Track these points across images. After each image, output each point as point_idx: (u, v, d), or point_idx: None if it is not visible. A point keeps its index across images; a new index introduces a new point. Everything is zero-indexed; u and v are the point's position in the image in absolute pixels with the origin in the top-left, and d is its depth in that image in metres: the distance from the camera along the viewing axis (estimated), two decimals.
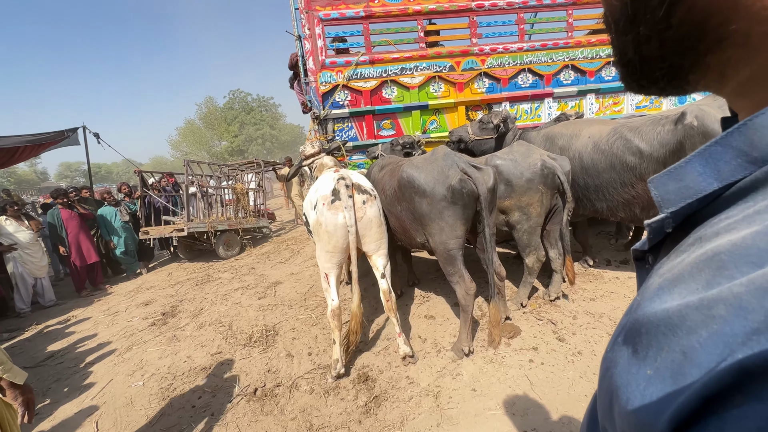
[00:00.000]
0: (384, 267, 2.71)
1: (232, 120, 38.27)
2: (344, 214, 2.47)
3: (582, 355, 2.52)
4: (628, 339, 0.27)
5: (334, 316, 2.61)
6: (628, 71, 0.35)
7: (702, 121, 2.52)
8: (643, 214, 2.99)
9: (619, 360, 0.27)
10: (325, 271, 2.63)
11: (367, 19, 4.64)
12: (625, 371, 0.25)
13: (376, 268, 2.73)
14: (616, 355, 0.28)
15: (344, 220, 2.47)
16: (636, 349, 0.25)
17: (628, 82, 0.37)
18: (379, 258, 2.71)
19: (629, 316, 0.28)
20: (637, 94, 0.39)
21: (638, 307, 0.27)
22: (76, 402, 2.95)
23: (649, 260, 0.37)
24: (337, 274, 2.64)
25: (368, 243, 2.63)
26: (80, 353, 3.88)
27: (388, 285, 2.69)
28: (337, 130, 4.80)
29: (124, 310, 5.06)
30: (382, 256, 2.72)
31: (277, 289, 4.88)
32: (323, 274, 2.67)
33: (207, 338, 3.74)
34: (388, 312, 2.71)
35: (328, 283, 2.64)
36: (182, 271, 6.79)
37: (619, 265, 3.94)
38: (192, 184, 7.01)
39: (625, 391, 0.25)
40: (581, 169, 3.23)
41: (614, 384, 0.26)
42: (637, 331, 0.26)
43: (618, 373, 0.26)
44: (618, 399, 0.25)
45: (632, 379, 0.25)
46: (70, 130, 7.64)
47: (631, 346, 0.26)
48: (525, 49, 4.94)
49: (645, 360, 0.24)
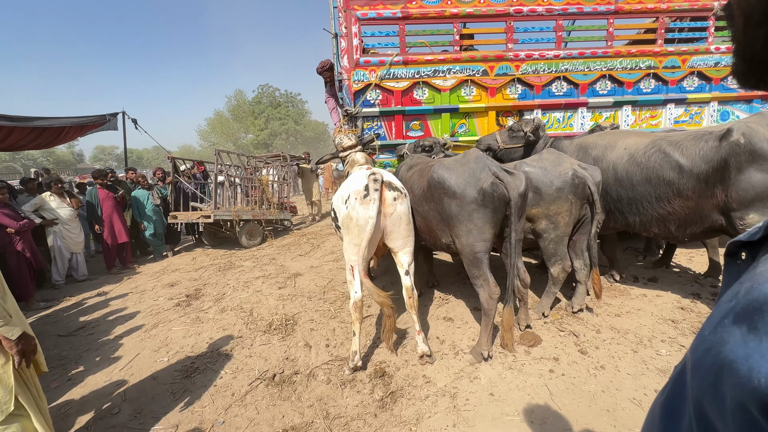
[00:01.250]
0: (409, 264, 2.74)
1: (260, 114, 39.16)
2: (376, 208, 2.51)
3: (605, 370, 2.47)
4: (742, 319, 0.29)
5: (356, 308, 2.66)
6: (750, 65, 0.36)
7: (749, 138, 2.42)
8: (679, 232, 2.89)
9: (728, 339, 0.30)
10: (351, 263, 2.68)
11: (404, 20, 4.67)
12: (741, 346, 0.28)
13: (400, 264, 2.76)
14: (722, 335, 0.31)
15: (375, 214, 2.51)
16: (755, 326, 0.28)
17: (747, 77, 0.37)
18: (404, 255, 2.74)
19: (736, 301, 0.31)
20: (753, 89, 0.40)
21: (752, 290, 0.30)
22: (106, 372, 3.10)
23: (741, 256, 0.39)
24: (363, 268, 2.68)
25: (395, 239, 2.67)
26: (110, 326, 4.07)
27: (411, 282, 2.71)
28: (366, 128, 4.85)
29: (150, 289, 5.27)
30: (407, 253, 2.75)
31: (297, 281, 4.98)
32: (348, 267, 2.73)
33: (228, 322, 3.86)
34: (409, 309, 2.73)
35: (353, 275, 2.69)
36: (206, 256, 7.00)
37: (647, 282, 3.82)
38: (221, 173, 7.22)
39: (745, 363, 0.27)
40: (615, 181, 3.16)
41: (726, 359, 0.29)
42: (757, 310, 0.28)
43: (731, 349, 0.29)
44: (735, 371, 0.28)
45: (753, 351, 0.27)
46: (111, 115, 8.01)
47: (746, 324, 0.29)
48: (561, 57, 4.86)
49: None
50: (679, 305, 3.25)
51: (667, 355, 2.56)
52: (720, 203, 2.60)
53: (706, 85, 5.10)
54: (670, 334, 2.82)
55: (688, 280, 3.82)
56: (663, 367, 2.44)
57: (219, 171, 7.13)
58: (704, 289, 3.57)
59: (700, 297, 3.38)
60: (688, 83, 5.09)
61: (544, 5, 4.74)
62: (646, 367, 2.46)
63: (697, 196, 2.69)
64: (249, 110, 39.74)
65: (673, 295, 3.46)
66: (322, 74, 5.66)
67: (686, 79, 5.07)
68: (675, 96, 5.04)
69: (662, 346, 2.67)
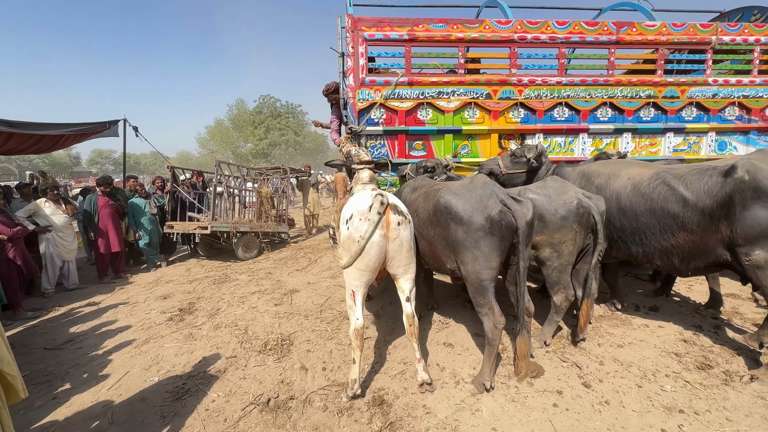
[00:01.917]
0: (410, 291, 2.68)
1: (260, 124, 39.39)
2: (379, 232, 2.46)
3: (610, 406, 2.41)
4: None
5: (357, 336, 2.57)
6: None
7: (754, 175, 2.44)
8: (682, 265, 2.88)
9: None
10: (352, 288, 2.60)
11: (410, 42, 4.74)
12: None
13: (401, 290, 2.70)
14: None
15: (379, 238, 2.46)
16: None
17: None
18: (405, 282, 2.68)
19: None
20: None
21: None
22: (93, 391, 2.98)
23: None
24: (364, 293, 2.62)
25: (396, 266, 2.62)
26: (99, 340, 3.94)
27: (413, 309, 2.65)
28: (369, 146, 4.86)
29: (143, 301, 5.15)
30: (409, 279, 2.69)
31: (293, 298, 4.89)
32: (349, 291, 2.64)
33: (222, 340, 3.76)
34: (410, 336, 2.67)
35: (354, 301, 2.61)
36: (200, 268, 6.90)
37: (648, 311, 3.79)
38: (220, 183, 7.18)
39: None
40: (618, 210, 3.16)
41: None
42: None
43: None
44: None
45: None
46: (111, 122, 7.98)
47: None
48: (564, 83, 4.94)
49: None
50: (681, 337, 3.22)
51: (672, 391, 2.52)
52: (725, 238, 2.60)
53: (704, 115, 5.20)
54: (674, 368, 2.77)
55: (689, 311, 3.80)
56: (668, 404, 2.39)
57: (219, 182, 7.09)
58: (705, 320, 3.54)
59: (702, 329, 3.35)
60: (687, 113, 5.18)
61: (547, 33, 4.84)
62: (651, 403, 2.41)
63: (702, 231, 2.69)
64: (249, 119, 39.99)
65: (675, 326, 3.43)
66: (328, 96, 5.70)
67: (685, 109, 5.16)
68: (674, 125, 5.12)
69: (666, 381, 2.62)
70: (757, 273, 2.51)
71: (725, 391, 2.49)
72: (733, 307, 3.83)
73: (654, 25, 4.96)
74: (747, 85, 5.15)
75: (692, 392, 2.50)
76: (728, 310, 3.76)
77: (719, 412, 2.30)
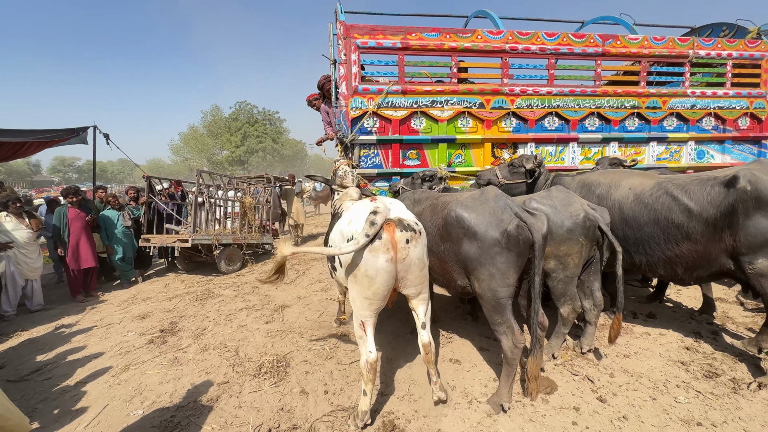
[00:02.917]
0: (425, 314, 2.48)
1: (236, 130, 38.47)
2: (385, 256, 2.20)
3: (628, 421, 2.36)
4: None
5: (371, 369, 2.33)
6: None
7: (756, 186, 2.49)
8: (686, 275, 2.91)
9: None
10: (362, 318, 2.35)
11: (403, 50, 4.69)
12: None
13: (416, 314, 2.51)
14: None
15: (386, 263, 2.21)
16: None
17: None
18: (420, 303, 2.48)
19: None
20: None
21: None
22: (67, 430, 2.67)
23: None
24: (375, 322, 2.39)
25: (409, 286, 2.41)
26: (70, 369, 3.57)
27: (430, 337, 2.46)
28: (363, 155, 4.74)
29: (118, 322, 4.77)
30: (423, 301, 2.49)
31: (284, 314, 4.66)
32: (358, 322, 2.38)
33: (212, 364, 3.49)
34: (427, 364, 2.50)
35: (364, 331, 2.36)
36: (180, 283, 6.51)
37: (646, 319, 3.83)
38: (201, 194, 6.84)
39: None
40: (621, 220, 3.17)
41: None
42: None
43: None
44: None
45: None
46: (81, 129, 7.47)
47: None
48: (554, 93, 5.02)
49: None
50: (683, 345, 3.25)
51: (686, 402, 2.50)
52: (728, 247, 2.64)
53: (683, 125, 5.41)
54: (683, 378, 2.77)
55: (683, 316, 3.87)
56: (685, 416, 2.37)
57: (200, 192, 6.75)
58: (702, 326, 3.61)
59: (702, 336, 3.40)
60: (668, 123, 5.38)
61: (537, 44, 4.92)
62: (669, 417, 2.38)
63: (706, 240, 2.72)
64: (225, 126, 39.00)
65: (675, 334, 3.46)
66: (321, 88, 5.65)
67: (666, 119, 5.36)
68: (657, 135, 5.30)
69: (679, 393, 2.61)
70: (760, 281, 2.56)
71: (736, 400, 2.50)
72: (723, 311, 3.94)
73: (637, 38, 5.14)
74: (721, 96, 5.41)
75: (706, 403, 2.49)
76: (719, 314, 3.86)
77: (735, 423, 2.30)
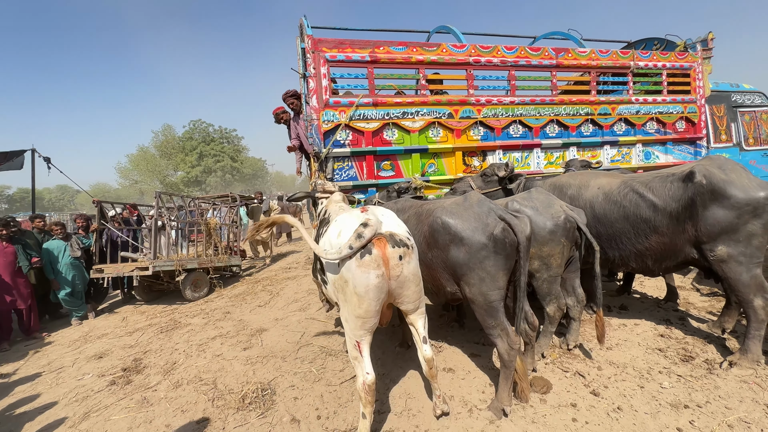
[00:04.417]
0: (424, 327, 2.41)
1: (191, 150, 36.80)
2: (376, 272, 2.10)
3: (623, 411, 2.43)
4: None
5: (369, 391, 2.23)
6: None
7: (710, 179, 2.74)
8: (655, 266, 3.11)
9: None
10: (356, 338, 2.24)
11: (372, 63, 4.73)
12: None
13: (414, 329, 2.44)
14: None
15: (377, 280, 2.11)
16: None
17: None
18: (418, 317, 2.41)
19: None
20: None
21: None
22: None
23: None
24: (370, 340, 2.28)
25: (405, 303, 2.33)
26: (16, 425, 3.11)
27: (432, 351, 2.40)
28: (337, 168, 4.67)
29: (70, 364, 4.26)
30: (421, 315, 2.41)
31: (263, 338, 4.39)
32: (352, 342, 2.27)
33: (188, 400, 3.19)
34: (431, 379, 2.44)
35: (360, 352, 2.25)
36: (140, 315, 5.97)
37: (619, 311, 4.03)
38: (161, 217, 6.38)
39: None
40: (593, 218, 3.34)
41: None
42: None
43: None
44: None
45: None
46: (16, 153, 6.78)
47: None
48: (516, 103, 5.28)
49: None
50: (657, 332, 3.45)
51: (670, 387, 2.63)
52: (691, 238, 2.86)
53: (631, 129, 5.89)
54: (663, 364, 2.92)
55: (651, 306, 4.12)
56: (673, 401, 2.48)
57: (159, 215, 6.30)
58: (670, 314, 3.86)
59: (672, 323, 3.63)
60: (618, 128, 5.83)
61: (498, 57, 5.17)
62: (659, 403, 2.48)
63: (671, 232, 2.93)
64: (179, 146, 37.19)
65: (648, 323, 3.67)
66: (286, 100, 5.41)
67: (616, 125, 5.81)
68: (609, 139, 5.73)
69: (662, 378, 2.74)
70: (721, 266, 2.78)
71: (713, 380, 2.67)
72: (684, 298, 4.25)
73: (585, 51, 5.57)
74: (660, 103, 5.97)
75: (687, 386, 2.63)
76: (681, 301, 4.15)
77: (717, 401, 2.44)
